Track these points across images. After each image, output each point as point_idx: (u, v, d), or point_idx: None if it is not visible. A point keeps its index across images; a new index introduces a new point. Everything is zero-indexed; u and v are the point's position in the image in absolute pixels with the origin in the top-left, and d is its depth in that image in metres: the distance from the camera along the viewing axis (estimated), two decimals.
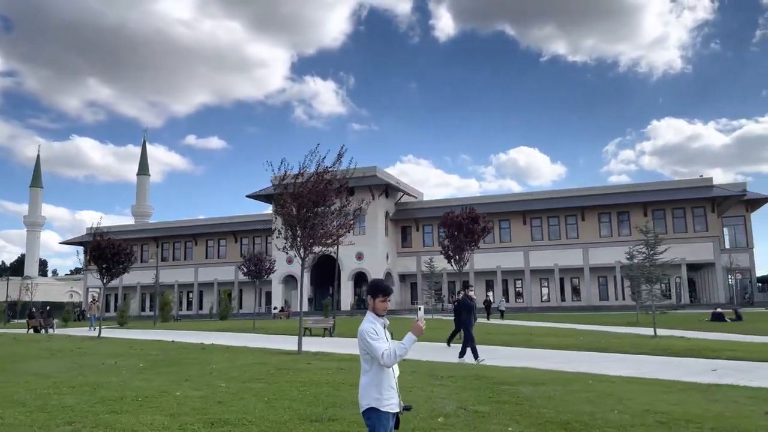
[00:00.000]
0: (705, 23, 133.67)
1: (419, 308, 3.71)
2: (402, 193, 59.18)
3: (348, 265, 55.25)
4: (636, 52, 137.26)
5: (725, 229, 58.02)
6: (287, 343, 18.67)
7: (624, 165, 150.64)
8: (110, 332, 27.66)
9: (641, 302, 23.77)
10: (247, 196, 58.10)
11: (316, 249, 16.31)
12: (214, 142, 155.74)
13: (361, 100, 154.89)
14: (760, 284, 57.41)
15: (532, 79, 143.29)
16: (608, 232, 52.66)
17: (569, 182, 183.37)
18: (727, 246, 57.39)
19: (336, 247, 19.89)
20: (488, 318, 37.87)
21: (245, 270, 28.14)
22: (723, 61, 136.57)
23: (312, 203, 14.89)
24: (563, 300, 53.46)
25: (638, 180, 60.71)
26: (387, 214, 56.98)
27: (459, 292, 16.50)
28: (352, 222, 16.18)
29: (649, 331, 22.59)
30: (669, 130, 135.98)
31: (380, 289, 3.86)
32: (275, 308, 52.09)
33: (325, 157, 15.50)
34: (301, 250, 15.60)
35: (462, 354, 13.22)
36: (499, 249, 54.98)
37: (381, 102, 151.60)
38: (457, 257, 19.73)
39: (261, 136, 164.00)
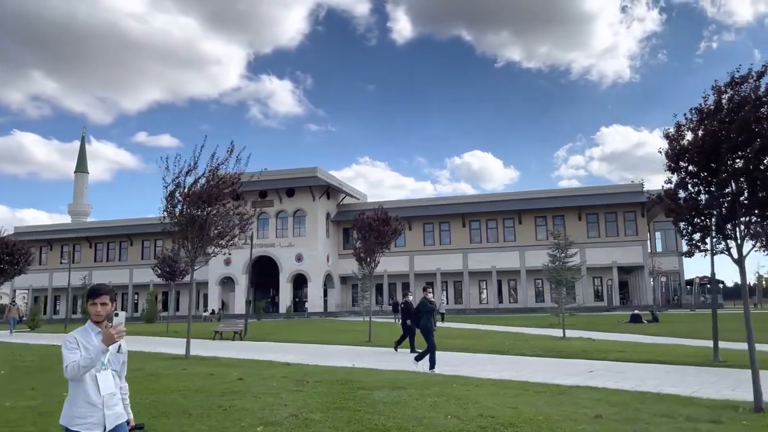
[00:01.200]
0: (653, 34, 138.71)
1: (116, 314, 3.38)
2: (344, 195, 58.87)
3: (287, 267, 54.60)
4: (587, 61, 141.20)
5: (657, 234, 60.14)
6: (184, 347, 18.07)
7: (574, 170, 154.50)
8: (19, 336, 26.42)
9: (558, 304, 24.16)
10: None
11: (210, 250, 15.79)
12: (166, 140, 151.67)
13: (318, 101, 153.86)
14: (688, 286, 59.56)
15: (487, 84, 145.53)
16: (544, 235, 53.63)
17: (521, 186, 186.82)
18: (660, 250, 59.50)
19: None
20: (442, 320, 36.61)
21: (158, 272, 27.30)
22: (669, 71, 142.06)
23: (204, 203, 14.41)
24: (501, 302, 54.19)
25: (587, 185, 63.01)
26: (328, 215, 56.58)
27: (405, 294, 16.36)
28: (246, 224, 15.68)
29: (570, 333, 23.04)
30: (617, 136, 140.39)
31: (90, 292, 3.49)
32: (206, 311, 50.87)
33: (220, 160, 14.99)
34: (192, 251, 15.08)
35: (420, 358, 12.44)
36: (439, 251, 55.37)
37: (338, 103, 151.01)
38: (368, 259, 19.60)
39: (215, 135, 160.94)
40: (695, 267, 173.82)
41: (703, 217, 8.11)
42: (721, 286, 63.26)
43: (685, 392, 9.13)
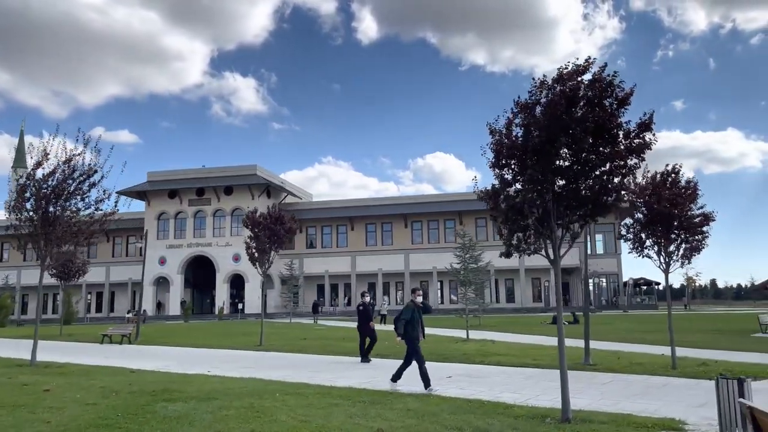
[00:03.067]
0: (613, 42, 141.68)
1: None
2: (286, 194, 57.86)
3: (224, 267, 53.32)
4: (549, 66, 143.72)
5: (598, 236, 61.00)
6: (56, 351, 17.03)
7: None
8: None
9: (469, 305, 23.88)
10: (118, 193, 54.80)
11: (65, 248, 14.82)
12: (125, 136, 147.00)
13: (282, 99, 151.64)
14: (635, 287, 60.61)
15: (451, 86, 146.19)
16: (484, 236, 53.76)
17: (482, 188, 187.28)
18: (600, 252, 60.36)
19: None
20: (381, 322, 34.97)
21: (53, 271, 25.97)
22: (627, 78, 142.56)
23: (55, 198, 13.43)
24: (441, 302, 54.04)
25: None
26: None
27: (363, 294, 15.58)
28: (104, 221, 14.71)
29: (480, 334, 22.79)
30: None
31: None
32: (128, 312, 49.10)
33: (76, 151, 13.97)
34: (43, 250, 14.09)
35: (425, 381, 9.56)
36: (381, 252, 54.93)
37: (303, 102, 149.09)
38: (261, 259, 18.87)
39: (175, 132, 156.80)
40: (635, 268, 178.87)
41: (522, 217, 7.69)
42: (657, 287, 64.71)
43: (520, 399, 8.74)
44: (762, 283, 24.69)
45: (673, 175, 12.60)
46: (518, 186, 7.71)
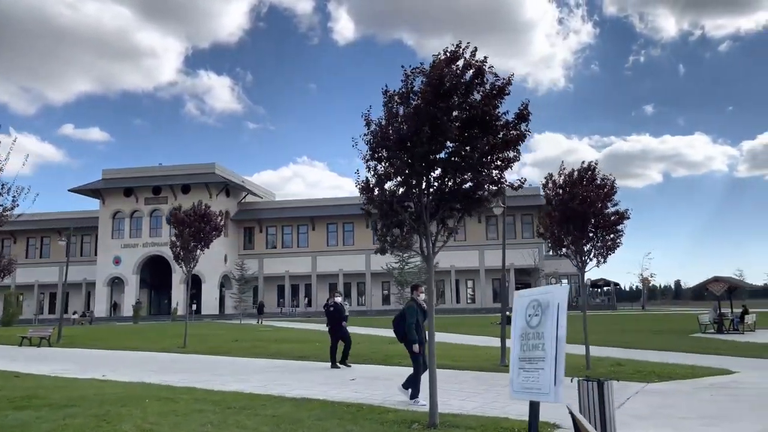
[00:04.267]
0: (587, 46, 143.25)
1: None
2: (246, 193, 57.01)
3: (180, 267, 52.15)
4: (525, 69, 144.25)
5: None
6: None
7: (507, 175, 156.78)
8: None
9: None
10: (70, 191, 53.45)
11: None
12: (95, 134, 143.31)
13: (257, 98, 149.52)
14: (591, 288, 61.03)
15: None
16: (445, 237, 53.77)
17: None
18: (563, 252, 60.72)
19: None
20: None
21: None
22: (600, 82, 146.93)
23: None
24: (402, 303, 53.75)
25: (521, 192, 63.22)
26: (227, 213, 54.49)
27: (335, 295, 14.62)
28: None
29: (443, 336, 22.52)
30: (548, 143, 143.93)
31: None
32: (75, 313, 47.81)
33: None
34: None
35: (413, 391, 8.62)
36: (342, 252, 54.46)
37: (278, 101, 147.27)
38: (186, 258, 18.27)
39: (147, 129, 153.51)
40: (596, 269, 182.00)
41: (395, 213, 7.32)
42: (616, 288, 65.43)
43: (404, 403, 8.37)
44: (701, 284, 24.86)
45: (589, 172, 12.41)
46: (392, 179, 7.34)
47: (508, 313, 31.56)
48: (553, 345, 5.02)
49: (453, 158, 7.07)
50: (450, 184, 7.26)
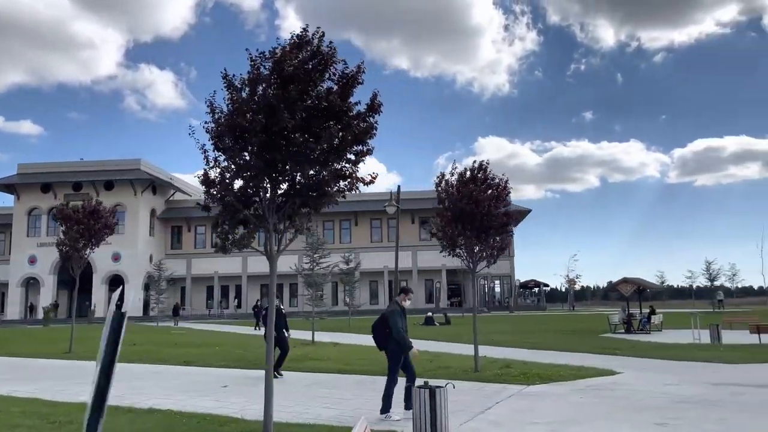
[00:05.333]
0: (531, 53, 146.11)
1: None
2: (174, 190, 55.08)
3: (102, 267, 49.87)
4: (471, 74, 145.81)
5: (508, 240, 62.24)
6: None
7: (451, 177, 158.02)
8: None
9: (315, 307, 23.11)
10: None
11: None
12: (27, 127, 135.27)
13: (201, 95, 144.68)
14: (522, 290, 62.17)
15: (375, 90, 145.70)
16: (378, 237, 53.52)
17: (403, 191, 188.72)
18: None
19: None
20: (257, 326, 32.43)
21: None
22: (543, 88, 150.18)
23: None
24: (335, 304, 53.15)
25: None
26: (153, 212, 52.52)
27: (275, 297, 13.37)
28: None
29: (333, 337, 22.04)
30: (492, 147, 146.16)
31: None
32: None
33: None
34: None
35: (384, 404, 7.79)
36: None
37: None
38: (75, 257, 17.16)
39: (84, 124, 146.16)
40: (528, 270, 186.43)
41: (236, 210, 6.79)
42: (546, 289, 66.93)
43: (252, 411, 7.85)
44: (612, 284, 25.41)
45: (481, 172, 12.24)
46: (232, 173, 6.80)
47: (430, 314, 31.41)
48: None
49: (296, 150, 6.60)
50: (297, 178, 6.82)
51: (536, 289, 61.59)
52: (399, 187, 14.64)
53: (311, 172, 6.77)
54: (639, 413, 7.65)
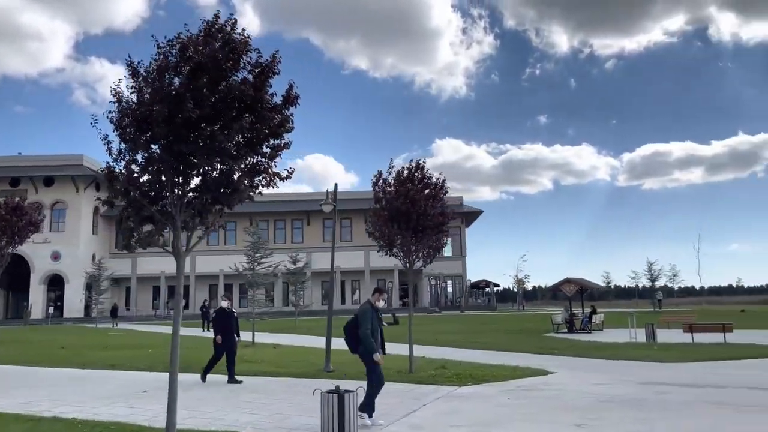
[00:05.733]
0: (488, 57, 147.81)
1: None
2: None
3: (40, 267, 47.78)
4: (429, 75, 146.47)
5: (447, 239, 62.63)
6: None
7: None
8: None
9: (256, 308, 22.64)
10: None
11: None
12: None
13: None
14: (474, 289, 62.72)
15: (333, 89, 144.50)
16: (331, 237, 53.20)
17: (359, 190, 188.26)
18: (449, 254, 62.00)
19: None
20: (205, 328, 31.42)
21: None
22: (499, 92, 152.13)
23: None
24: (286, 305, 52.46)
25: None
26: (97, 209, 50.62)
27: (222, 298, 12.22)
28: None
29: (275, 338, 21.56)
30: (449, 148, 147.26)
31: None
32: None
33: None
34: None
35: (367, 408, 7.21)
36: (224, 251, 52.20)
37: None
38: None
39: (30, 118, 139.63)
40: (481, 270, 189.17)
41: (141, 206, 6.38)
42: (496, 289, 67.79)
43: (156, 418, 7.41)
44: (555, 285, 25.79)
45: (418, 171, 12.08)
46: (139, 167, 6.38)
47: (397, 314, 31.08)
48: None
49: (206, 143, 6.23)
50: (209, 173, 6.46)
51: (487, 289, 62.24)
52: (336, 185, 14.37)
53: (222, 166, 6.43)
54: (563, 414, 7.59)
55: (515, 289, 67.89)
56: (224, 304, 11.76)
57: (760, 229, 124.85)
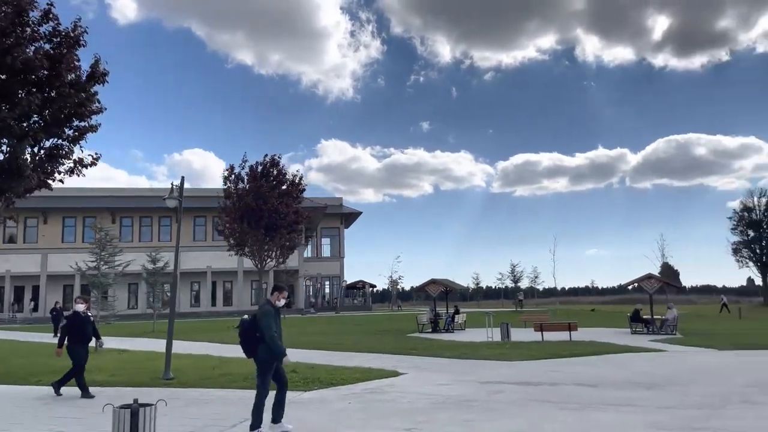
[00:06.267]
0: (375, 61, 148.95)
1: None
2: None
3: None
4: (316, 75, 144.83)
5: (325, 239, 62.36)
6: None
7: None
8: None
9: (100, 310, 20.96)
10: None
11: None
12: None
13: None
14: (351, 290, 62.80)
15: (216, 83, 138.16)
16: (202, 236, 50.88)
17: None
18: (327, 255, 61.72)
19: None
20: (57, 333, 28.06)
21: None
22: (385, 96, 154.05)
23: None
24: (149, 307, 49.36)
25: (306, 194, 60.89)
26: None
27: (77, 300, 9.86)
28: None
29: (128, 343, 20.01)
30: (334, 150, 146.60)
31: None
32: None
33: None
34: None
35: (254, 420, 6.69)
36: (82, 249, 48.06)
37: None
38: None
39: None
40: (362, 271, 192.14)
41: None
42: (375, 290, 68.63)
43: None
44: (421, 285, 26.35)
45: (274, 167, 11.57)
46: None
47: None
48: None
49: None
50: None
51: (364, 290, 62.69)
52: (183, 178, 13.39)
53: (8, 148, 5.57)
54: (396, 418, 7.46)
55: (392, 290, 69.02)
56: (80, 307, 10.36)
57: (613, 235, 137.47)
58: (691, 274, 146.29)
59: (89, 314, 10.51)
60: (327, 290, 60.46)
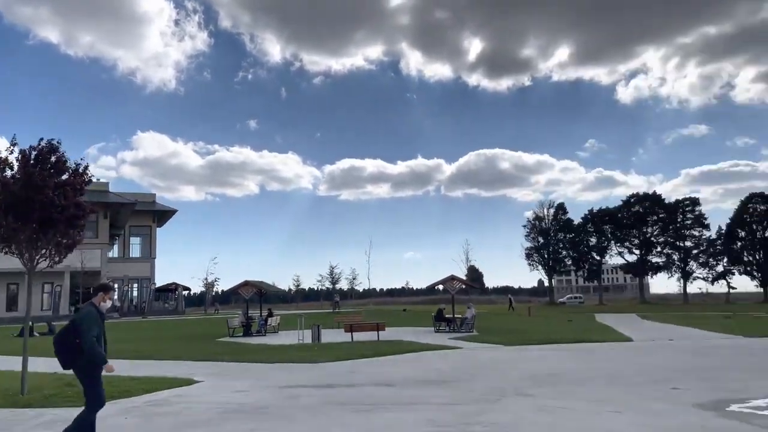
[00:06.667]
0: (201, 54, 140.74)
1: None
2: None
3: None
4: (134, 63, 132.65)
5: (135, 239, 57.67)
6: None
7: (105, 170, 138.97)
8: None
9: None
10: None
11: None
12: None
13: None
14: (163, 293, 58.77)
15: (16, 59, 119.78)
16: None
17: None
18: (137, 255, 57.06)
19: None
20: None
21: None
22: (210, 91, 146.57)
23: None
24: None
25: (118, 189, 52.86)
26: None
27: None
28: None
29: None
30: (152, 143, 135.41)
31: None
32: None
33: None
34: None
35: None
36: None
37: None
38: None
39: None
40: (178, 273, 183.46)
41: None
42: (192, 292, 65.33)
43: None
44: (234, 288, 25.46)
45: (52, 153, 10.16)
46: None
47: (31, 323, 26.67)
48: None
49: None
50: None
51: (176, 293, 59.17)
52: None
53: None
54: None
55: (206, 293, 66.01)
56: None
57: (429, 239, 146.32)
58: (493, 275, 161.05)
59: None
60: (135, 293, 56.01)
